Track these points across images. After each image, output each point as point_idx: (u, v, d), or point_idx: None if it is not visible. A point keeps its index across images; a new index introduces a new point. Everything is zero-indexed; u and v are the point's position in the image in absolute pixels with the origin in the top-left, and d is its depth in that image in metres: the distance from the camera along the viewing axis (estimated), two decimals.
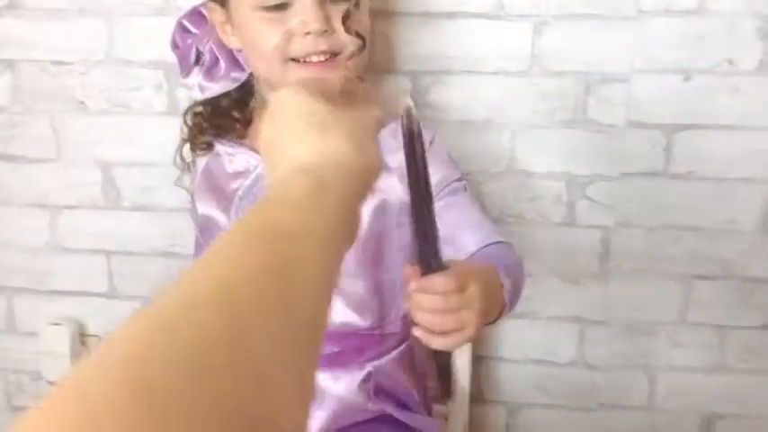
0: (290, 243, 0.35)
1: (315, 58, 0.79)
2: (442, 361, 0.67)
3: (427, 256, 0.62)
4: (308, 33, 0.77)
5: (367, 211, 0.84)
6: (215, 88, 0.90)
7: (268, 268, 0.33)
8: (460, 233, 0.85)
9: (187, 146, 0.96)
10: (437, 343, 0.64)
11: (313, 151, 0.44)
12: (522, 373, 1.20)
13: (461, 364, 1.11)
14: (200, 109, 0.93)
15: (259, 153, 0.71)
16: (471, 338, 0.65)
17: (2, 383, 1.31)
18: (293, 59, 0.80)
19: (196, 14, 0.90)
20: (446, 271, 0.62)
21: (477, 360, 1.19)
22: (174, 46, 0.92)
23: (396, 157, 0.86)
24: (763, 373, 1.14)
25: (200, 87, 0.90)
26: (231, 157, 0.89)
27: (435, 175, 0.85)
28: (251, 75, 0.89)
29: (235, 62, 0.89)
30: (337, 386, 0.85)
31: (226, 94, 0.91)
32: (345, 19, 0.78)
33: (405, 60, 1.08)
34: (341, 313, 0.86)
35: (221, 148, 0.91)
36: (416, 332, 0.65)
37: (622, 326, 1.15)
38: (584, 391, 1.18)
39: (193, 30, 0.90)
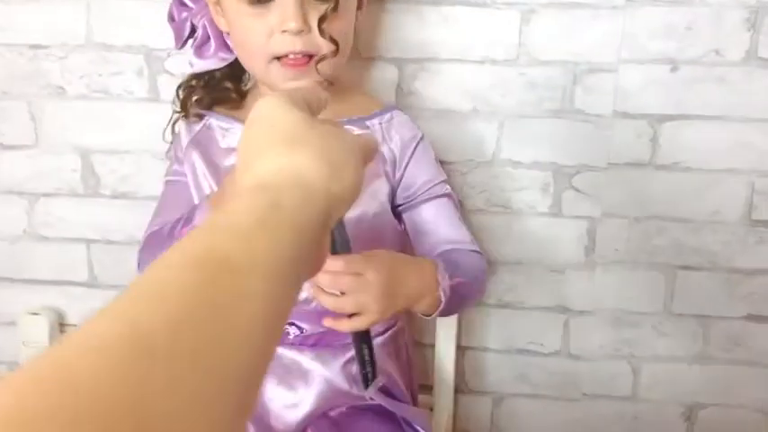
0: (233, 276, 0.31)
1: (291, 56, 0.80)
2: (359, 347, 0.73)
3: (332, 239, 0.67)
4: (285, 31, 0.78)
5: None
6: (203, 65, 0.91)
7: (203, 305, 0.29)
8: (435, 235, 0.88)
9: (179, 122, 0.95)
10: (343, 326, 0.72)
11: (279, 168, 0.39)
12: (506, 362, 1.19)
13: (446, 354, 1.11)
14: (194, 82, 0.93)
15: None
16: (374, 322, 0.72)
17: None
18: (275, 58, 0.81)
19: None
20: (344, 255, 0.68)
21: (462, 350, 1.19)
22: (170, 18, 0.91)
23: (389, 146, 0.87)
24: (746, 364, 1.14)
25: (189, 62, 0.91)
26: (224, 131, 0.89)
27: (422, 175, 0.87)
28: None
29: (224, 43, 0.89)
30: (323, 367, 0.85)
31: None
32: (321, 22, 0.79)
33: (390, 47, 1.06)
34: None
35: (215, 122, 0.90)
36: (326, 322, 0.73)
37: (607, 316, 1.15)
38: (568, 380, 1.18)
39: (190, 4, 0.89)
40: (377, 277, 0.71)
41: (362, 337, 0.72)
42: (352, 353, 0.85)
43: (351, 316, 0.72)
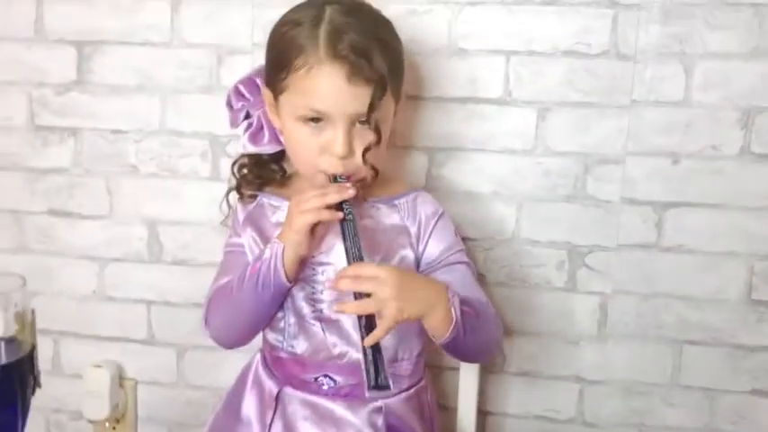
0: None
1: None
2: (364, 351, 0.84)
3: (349, 254, 0.87)
4: (333, 154, 0.91)
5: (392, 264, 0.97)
6: (256, 150, 1.04)
7: None
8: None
9: (232, 193, 1.09)
10: (376, 335, 0.82)
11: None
12: (524, 428, 1.28)
13: (467, 418, 1.20)
14: (245, 161, 1.07)
15: None
16: (396, 319, 0.82)
17: (43, 423, 1.42)
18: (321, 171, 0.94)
19: (251, 82, 1.04)
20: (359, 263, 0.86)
21: (483, 415, 1.28)
22: (228, 105, 1.06)
23: (414, 221, 1.00)
24: None
25: (243, 145, 1.05)
26: (275, 208, 1.02)
27: (442, 243, 1.00)
28: None
29: (276, 136, 1.02)
30: (353, 415, 0.96)
31: None
32: (365, 152, 0.92)
33: (421, 138, 1.21)
34: (358, 349, 0.96)
35: (266, 200, 1.04)
36: (367, 342, 0.83)
37: (618, 386, 1.23)
38: None
39: (247, 95, 1.04)
40: (391, 277, 0.83)
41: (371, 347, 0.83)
42: (377, 403, 0.97)
43: (369, 327, 0.83)
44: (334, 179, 0.92)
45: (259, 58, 1.17)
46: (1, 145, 1.33)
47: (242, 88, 1.04)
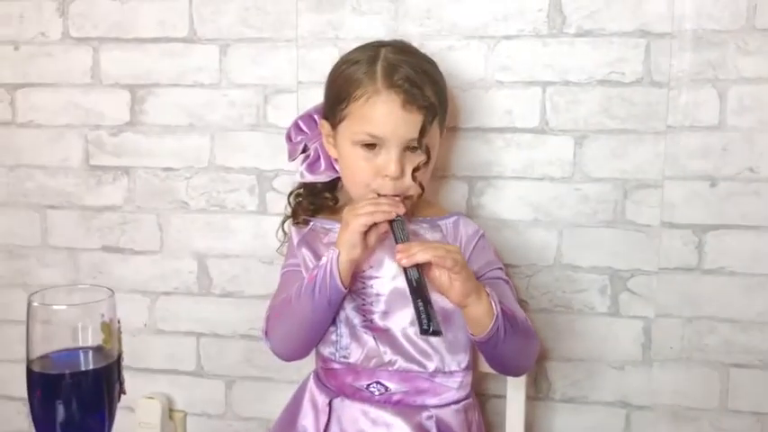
0: None
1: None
2: (415, 303, 0.86)
3: (395, 237, 0.93)
4: (386, 176, 0.99)
5: None
6: (312, 178, 1.11)
7: None
8: None
9: (290, 227, 1.14)
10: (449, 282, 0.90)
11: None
12: None
13: None
14: (301, 190, 1.14)
15: None
16: (451, 264, 0.88)
17: None
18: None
19: (308, 118, 1.12)
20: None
21: None
22: (288, 138, 1.13)
23: (456, 241, 1.04)
24: None
25: (301, 174, 1.12)
26: (327, 231, 1.08)
27: (482, 260, 1.04)
28: None
29: (332, 165, 1.10)
30: (403, 421, 0.99)
31: None
32: (415, 171, 1.00)
33: (461, 167, 1.25)
34: (411, 357, 1.01)
35: (318, 224, 1.10)
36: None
37: (666, 411, 1.23)
38: None
39: (305, 129, 1.12)
40: (457, 249, 0.92)
41: (418, 294, 0.86)
42: (429, 412, 1.01)
43: (419, 289, 0.87)
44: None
45: (303, 97, 1.24)
46: (58, 185, 1.39)
47: (301, 123, 1.12)
